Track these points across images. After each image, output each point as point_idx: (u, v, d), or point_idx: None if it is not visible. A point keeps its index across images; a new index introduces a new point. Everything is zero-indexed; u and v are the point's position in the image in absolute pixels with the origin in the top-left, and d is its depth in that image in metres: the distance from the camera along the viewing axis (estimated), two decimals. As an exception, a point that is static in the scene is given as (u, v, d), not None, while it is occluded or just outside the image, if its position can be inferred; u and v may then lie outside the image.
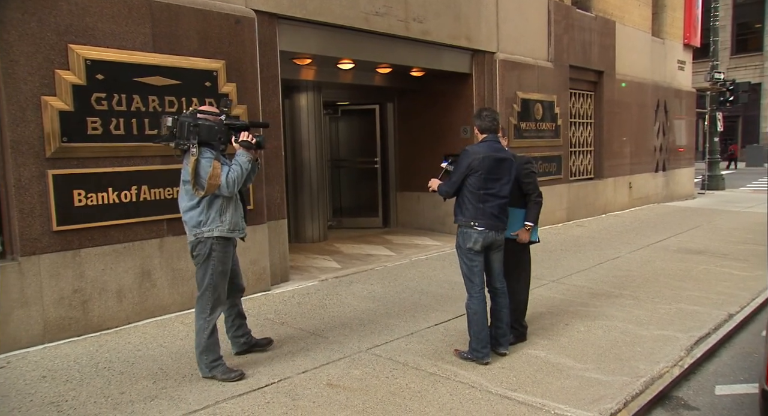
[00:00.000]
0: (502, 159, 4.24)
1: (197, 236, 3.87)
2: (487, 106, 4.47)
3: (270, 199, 6.25)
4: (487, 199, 4.19)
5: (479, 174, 4.16)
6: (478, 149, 4.22)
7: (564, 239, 9.25)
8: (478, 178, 4.17)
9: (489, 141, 4.28)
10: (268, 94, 6.21)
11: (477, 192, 4.19)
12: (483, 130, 4.31)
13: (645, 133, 13.69)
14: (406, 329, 5.03)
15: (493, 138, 4.30)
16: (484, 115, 4.31)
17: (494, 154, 4.21)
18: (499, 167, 4.21)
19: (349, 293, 6.14)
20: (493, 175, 4.20)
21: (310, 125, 8.76)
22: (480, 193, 4.19)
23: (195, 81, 5.38)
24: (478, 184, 4.18)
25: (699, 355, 4.54)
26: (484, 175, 4.16)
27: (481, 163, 4.16)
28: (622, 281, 6.64)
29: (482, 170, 4.16)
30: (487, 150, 4.21)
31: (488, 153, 4.19)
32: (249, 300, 5.78)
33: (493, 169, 4.19)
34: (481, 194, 4.19)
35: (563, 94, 10.77)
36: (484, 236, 4.19)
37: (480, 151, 4.20)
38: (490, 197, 4.20)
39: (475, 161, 4.16)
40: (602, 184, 12.09)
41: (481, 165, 4.15)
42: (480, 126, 4.32)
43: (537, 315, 5.39)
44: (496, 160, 4.20)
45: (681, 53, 15.49)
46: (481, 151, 4.19)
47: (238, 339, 4.30)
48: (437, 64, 8.55)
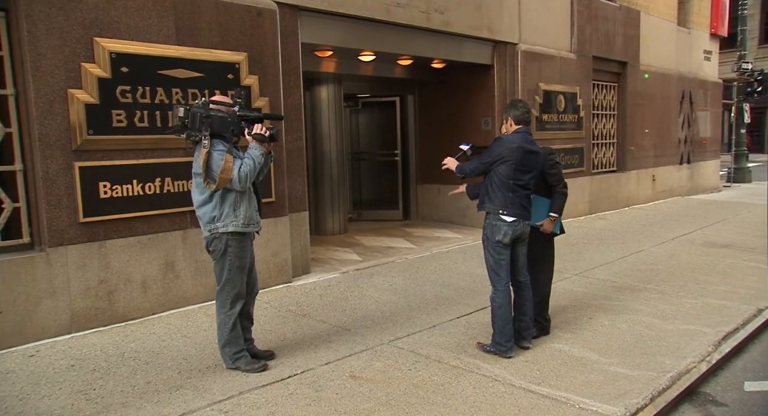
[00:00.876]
0: (533, 152, 4.21)
1: (212, 232, 3.86)
2: (521, 99, 4.41)
3: (292, 192, 6.26)
4: (516, 190, 4.17)
5: (510, 163, 4.13)
6: (512, 138, 4.19)
7: (586, 232, 9.15)
8: (509, 167, 4.13)
9: (522, 132, 4.24)
10: (290, 86, 6.21)
11: (507, 181, 4.15)
12: (518, 120, 4.27)
13: (669, 125, 13.47)
14: (427, 322, 5.02)
15: (526, 129, 4.26)
16: (519, 106, 4.28)
17: (527, 145, 4.18)
18: (529, 159, 4.18)
19: (370, 285, 6.14)
20: (523, 167, 4.16)
21: (331, 118, 8.76)
22: (510, 182, 4.15)
23: (217, 73, 5.40)
24: (508, 173, 4.14)
25: (727, 351, 4.47)
26: (514, 165, 4.13)
27: (513, 152, 4.12)
28: (646, 275, 6.55)
29: (513, 160, 4.12)
30: (521, 141, 4.17)
31: (522, 144, 4.16)
32: (271, 292, 5.83)
33: (524, 161, 4.16)
34: (511, 184, 4.15)
35: (586, 85, 10.62)
36: (514, 228, 4.16)
37: (514, 140, 4.17)
38: (518, 188, 4.17)
39: (507, 150, 4.13)
40: (625, 176, 11.93)
41: (512, 154, 4.12)
42: (515, 116, 4.28)
43: (560, 308, 5.35)
44: (528, 151, 4.17)
45: (707, 43, 15.18)
46: (516, 141, 4.16)
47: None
48: (458, 56, 8.48)
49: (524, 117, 4.25)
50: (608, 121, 11.81)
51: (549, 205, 4.49)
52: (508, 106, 4.34)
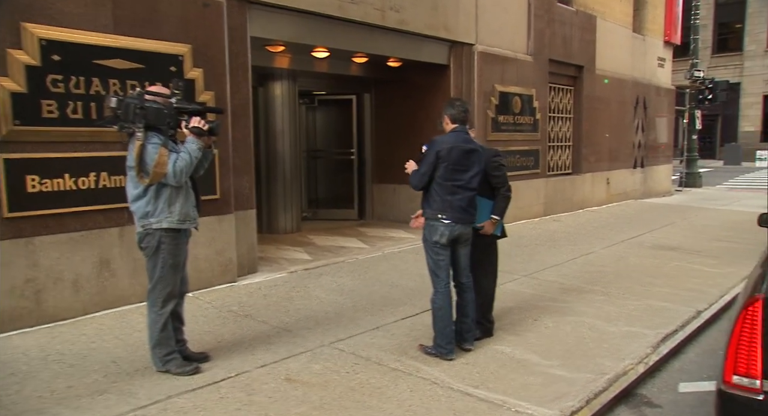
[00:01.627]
0: (470, 150, 4.14)
1: (145, 227, 3.71)
2: (459, 97, 4.36)
3: (238, 189, 6.10)
4: (455, 191, 4.10)
5: (446, 165, 4.06)
6: (445, 139, 4.13)
7: (539, 234, 9.22)
8: (445, 168, 4.07)
9: (458, 132, 4.18)
10: (238, 81, 6.05)
11: (445, 183, 4.09)
12: (454, 119, 4.21)
13: (624, 129, 13.71)
14: (372, 323, 4.93)
15: (462, 129, 4.20)
16: (456, 104, 4.22)
17: (462, 144, 4.11)
18: (467, 158, 4.12)
19: (317, 285, 6.02)
20: (461, 166, 4.10)
21: (285, 115, 8.61)
22: (448, 184, 4.09)
23: (159, 65, 5.21)
24: (445, 175, 4.09)
25: (665, 352, 4.50)
26: (451, 165, 4.07)
27: (448, 153, 4.06)
28: (594, 276, 6.61)
29: (449, 161, 4.06)
30: (455, 140, 4.11)
31: (456, 143, 4.09)
32: (213, 292, 5.66)
33: (461, 160, 4.09)
34: (449, 186, 4.09)
35: (543, 88, 10.71)
36: (451, 229, 4.09)
37: (448, 141, 4.10)
38: (458, 189, 4.11)
39: (442, 151, 4.06)
40: (580, 179, 12.09)
41: (448, 156, 4.06)
42: (451, 115, 4.22)
43: (506, 310, 5.33)
44: (464, 151, 4.11)
45: (661, 50, 15.52)
46: (449, 141, 4.10)
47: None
48: (415, 55, 8.44)
49: (460, 116, 4.19)
50: (564, 124, 11.94)
51: (491, 206, 4.45)
52: (446, 105, 4.28)
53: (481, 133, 9.19)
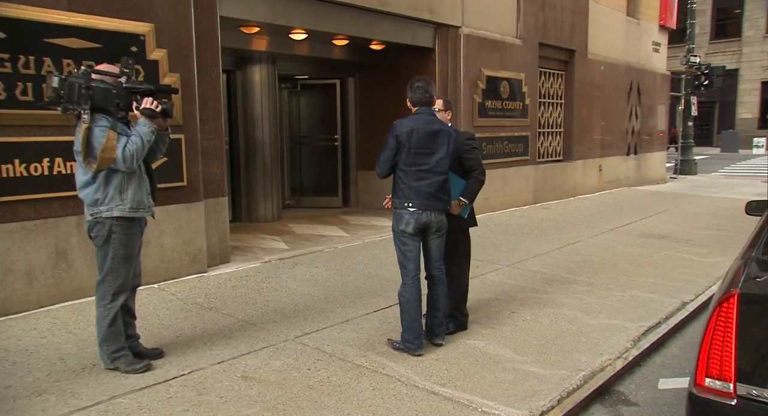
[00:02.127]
0: (434, 132, 3.89)
1: (95, 216, 3.48)
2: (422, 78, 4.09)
3: (208, 176, 5.85)
4: (422, 176, 3.86)
5: (407, 149, 3.83)
6: (404, 123, 3.88)
7: (527, 222, 8.99)
8: (407, 153, 3.84)
9: (420, 113, 3.93)
10: (206, 63, 5.78)
11: (409, 169, 3.86)
12: (414, 102, 3.97)
13: (617, 115, 13.44)
14: (342, 316, 4.72)
15: (425, 110, 3.96)
16: (416, 87, 3.96)
17: (424, 126, 3.86)
18: (431, 140, 3.87)
19: (290, 276, 5.80)
20: (425, 149, 3.86)
21: (264, 99, 8.33)
22: (412, 170, 3.86)
23: (118, 45, 4.93)
24: (408, 160, 3.85)
25: (646, 346, 4.30)
26: (413, 149, 3.83)
27: (408, 137, 3.82)
28: (579, 266, 6.40)
29: (410, 145, 3.82)
30: (415, 123, 3.87)
31: (416, 126, 3.85)
32: (180, 283, 5.44)
33: (424, 143, 3.85)
34: (414, 171, 3.86)
35: (532, 72, 10.43)
36: (417, 217, 3.86)
37: (407, 124, 3.86)
38: (425, 174, 3.87)
39: (401, 135, 3.83)
40: (571, 166, 11.85)
41: (408, 139, 3.82)
42: (411, 98, 3.98)
43: (484, 301, 5.12)
44: (427, 133, 3.86)
45: (656, 35, 15.22)
46: (408, 125, 3.86)
47: None
48: (398, 38, 8.16)
49: (422, 98, 3.95)
50: (555, 109, 11.68)
51: (462, 187, 4.20)
52: (407, 87, 4.02)
53: (467, 118, 8.95)
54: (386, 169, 3.92)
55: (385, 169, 3.93)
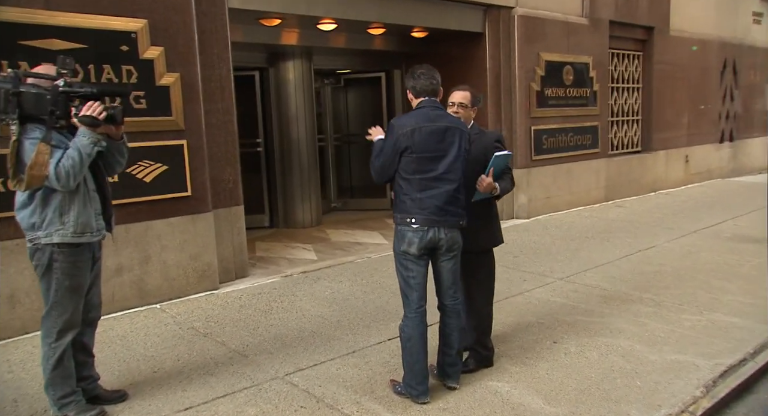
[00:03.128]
0: (442, 129, 3.14)
1: (33, 242, 3.00)
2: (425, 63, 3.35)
3: (217, 183, 5.37)
4: (428, 186, 3.12)
5: (409, 152, 3.10)
6: (405, 121, 3.16)
7: (593, 223, 7.96)
8: (408, 158, 3.11)
9: (424, 107, 3.19)
10: (213, 59, 5.29)
11: (412, 177, 3.13)
12: (417, 92, 3.24)
13: (707, 99, 11.94)
14: (349, 345, 4.07)
15: (430, 102, 3.21)
16: (418, 74, 3.22)
17: (429, 124, 3.12)
18: (438, 141, 3.13)
19: (308, 293, 5.21)
20: (431, 152, 3.12)
21: (299, 97, 7.81)
22: (416, 178, 3.12)
23: (106, 45, 4.52)
24: (411, 167, 3.13)
25: (723, 394, 3.35)
26: (417, 153, 3.10)
27: (410, 137, 3.09)
28: (648, 279, 5.40)
29: (413, 147, 3.09)
30: (418, 120, 3.13)
31: (420, 124, 3.11)
32: (185, 303, 4.98)
33: (430, 144, 3.11)
34: (419, 180, 3.12)
35: (602, 55, 9.30)
36: (421, 236, 3.13)
37: (408, 122, 3.13)
38: (432, 182, 3.13)
39: (402, 137, 3.10)
40: (651, 157, 10.56)
41: (410, 140, 3.09)
42: (413, 88, 3.25)
43: (522, 327, 4.30)
44: (432, 132, 3.12)
45: (757, 4, 13.42)
46: (410, 123, 3.12)
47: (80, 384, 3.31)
48: (441, 23, 7.37)
49: (427, 86, 3.20)
50: (631, 95, 10.44)
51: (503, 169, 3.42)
52: (407, 76, 3.29)
53: (524, 109, 8.03)
54: (387, 176, 3.21)
55: (384, 178, 3.22)
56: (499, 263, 5.89)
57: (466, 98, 3.49)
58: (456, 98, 3.49)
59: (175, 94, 4.87)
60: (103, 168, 3.21)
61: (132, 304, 4.79)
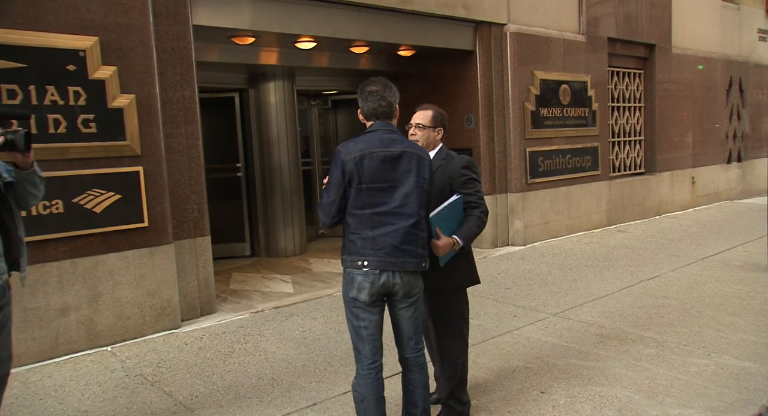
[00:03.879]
0: (396, 155, 2.69)
1: None
2: (380, 78, 2.93)
3: (180, 213, 4.97)
4: (379, 222, 2.66)
5: (356, 184, 2.66)
6: (352, 146, 2.69)
7: (594, 250, 7.48)
8: (358, 190, 2.66)
9: (375, 130, 2.76)
10: (175, 80, 4.93)
11: (362, 212, 2.67)
12: (367, 114, 2.80)
13: (713, 117, 11.51)
14: (311, 395, 3.61)
15: (383, 125, 2.77)
16: (368, 92, 2.79)
17: (380, 149, 2.68)
18: (391, 169, 2.68)
19: (276, 332, 4.77)
20: (383, 182, 2.67)
21: (280, 119, 7.44)
22: (367, 213, 2.66)
23: (50, 64, 4.16)
24: (361, 201, 2.66)
25: (735, 461, 2.87)
26: (366, 183, 2.66)
27: (357, 166, 2.65)
28: (650, 315, 4.92)
29: (362, 177, 2.65)
30: (367, 145, 2.69)
31: (369, 149, 2.67)
32: (140, 344, 4.54)
33: (381, 173, 2.66)
34: (369, 215, 2.66)
35: (600, 73, 8.91)
36: (372, 280, 2.68)
37: (355, 148, 2.68)
38: (384, 218, 2.67)
39: (348, 164, 2.66)
40: (655, 179, 10.10)
41: (358, 169, 2.64)
42: (362, 109, 2.82)
43: (507, 372, 3.83)
44: (384, 158, 2.67)
45: (763, 21, 13.07)
46: (357, 148, 2.67)
47: None
48: (428, 41, 7.01)
49: (375, 109, 2.76)
50: (633, 114, 10.03)
51: (460, 219, 2.99)
52: (358, 95, 2.85)
53: (518, 130, 7.63)
54: (332, 214, 2.72)
55: (330, 215, 2.72)
56: (489, 296, 5.46)
57: (426, 118, 3.08)
58: (414, 118, 3.08)
59: (130, 117, 4.50)
60: (11, 201, 2.80)
61: (80, 347, 4.37)
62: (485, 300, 5.46)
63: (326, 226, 2.81)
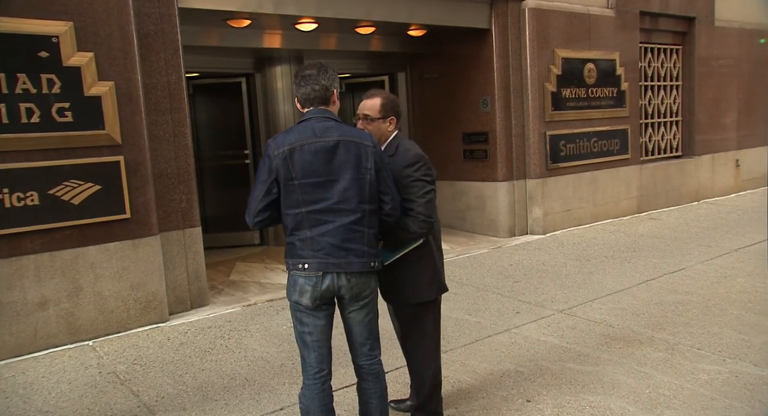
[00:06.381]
0: (330, 147, 2.40)
1: None
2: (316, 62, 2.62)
3: (167, 204, 4.82)
4: (318, 221, 2.40)
5: (291, 180, 2.39)
6: (282, 139, 2.43)
7: (617, 240, 7.02)
8: (289, 187, 2.39)
9: (309, 119, 2.47)
10: (159, 66, 4.74)
11: (297, 211, 2.40)
12: (302, 101, 2.53)
13: (760, 95, 10.69)
14: (281, 398, 3.41)
15: (317, 113, 2.48)
16: (301, 77, 2.50)
17: (313, 140, 2.40)
18: (326, 161, 2.40)
19: (262, 328, 4.58)
20: (317, 176, 2.40)
21: (287, 105, 7.21)
22: (302, 211, 2.40)
23: (21, 51, 4.02)
24: (294, 198, 2.40)
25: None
26: (299, 179, 2.38)
27: (286, 160, 2.37)
28: (665, 313, 4.52)
29: (294, 172, 2.38)
30: (298, 136, 2.41)
31: (299, 141, 2.39)
32: (122, 339, 4.43)
33: (315, 167, 2.39)
34: (305, 214, 2.40)
35: (631, 50, 8.32)
36: (314, 283, 2.43)
37: (286, 140, 2.41)
38: (322, 216, 2.40)
39: (276, 158, 2.38)
40: (693, 162, 9.46)
41: (287, 164, 2.37)
42: (297, 95, 2.54)
43: (494, 378, 3.54)
44: (317, 150, 2.39)
45: (817, -10, 12.07)
46: (287, 141, 2.40)
47: None
48: (438, 19, 6.63)
49: (308, 94, 2.48)
50: (669, 93, 9.39)
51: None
52: (293, 81, 2.57)
53: (537, 112, 7.20)
54: (255, 212, 2.43)
55: (253, 214, 2.44)
56: (495, 290, 5.14)
57: (373, 108, 2.76)
58: (360, 108, 2.79)
59: (108, 104, 4.34)
60: None
61: (60, 341, 4.27)
62: (489, 294, 5.14)
63: (251, 227, 2.55)
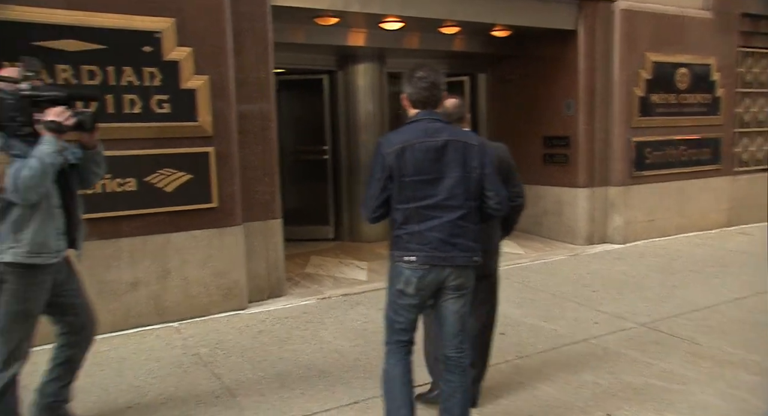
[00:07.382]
0: (439, 146, 2.47)
1: None
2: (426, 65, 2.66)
3: (250, 195, 4.97)
4: (426, 216, 2.48)
5: (400, 178, 2.46)
6: (394, 138, 2.53)
7: (705, 254, 6.69)
8: (401, 183, 2.47)
9: (420, 120, 2.54)
10: (251, 61, 4.91)
11: (406, 206, 2.49)
12: (414, 101, 2.59)
13: None
14: (354, 393, 3.46)
15: (427, 115, 2.55)
16: (416, 78, 2.56)
17: (423, 139, 2.47)
18: (436, 159, 2.47)
19: (337, 321, 4.66)
20: (426, 174, 2.47)
21: (368, 103, 7.29)
22: (411, 207, 2.48)
23: (128, 45, 4.26)
24: (405, 194, 2.48)
25: None
26: (407, 177, 2.46)
27: (398, 158, 2.45)
28: (759, 334, 4.27)
29: (405, 170, 2.46)
30: (410, 136, 2.49)
31: (411, 140, 2.47)
32: (205, 323, 4.62)
33: (425, 165, 2.47)
34: (414, 209, 2.48)
35: (728, 54, 7.90)
36: (420, 276, 2.51)
37: (397, 139, 2.50)
38: (430, 211, 2.48)
39: (389, 157, 2.47)
40: (791, 176, 8.88)
41: (399, 161, 2.45)
42: (409, 96, 2.60)
43: (572, 386, 3.46)
44: (428, 149, 2.47)
45: None
46: (398, 140, 2.50)
47: (47, 398, 3.04)
48: (523, 20, 6.53)
49: (422, 94, 2.54)
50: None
51: None
52: (404, 80, 2.61)
53: (623, 117, 6.97)
54: (373, 208, 2.56)
55: (370, 209, 2.57)
56: (572, 298, 5.03)
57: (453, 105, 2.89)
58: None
59: (202, 98, 4.53)
60: (74, 181, 2.88)
61: (148, 321, 4.50)
62: (566, 302, 5.02)
63: (368, 221, 2.68)
